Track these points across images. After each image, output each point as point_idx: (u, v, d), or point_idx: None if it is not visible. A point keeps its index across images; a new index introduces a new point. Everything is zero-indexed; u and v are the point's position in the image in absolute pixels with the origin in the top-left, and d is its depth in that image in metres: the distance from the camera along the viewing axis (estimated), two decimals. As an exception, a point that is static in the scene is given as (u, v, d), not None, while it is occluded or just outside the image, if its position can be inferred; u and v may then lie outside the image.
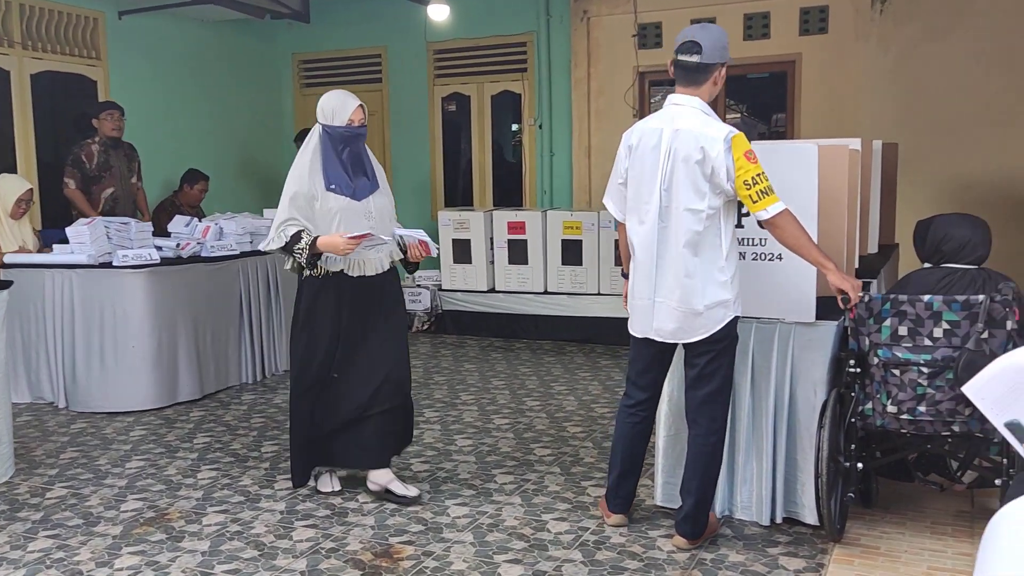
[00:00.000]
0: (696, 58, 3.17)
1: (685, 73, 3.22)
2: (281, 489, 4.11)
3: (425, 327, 7.88)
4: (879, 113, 7.09)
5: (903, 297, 3.19)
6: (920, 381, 3.17)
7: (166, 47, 8.01)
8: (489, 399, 5.65)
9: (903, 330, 3.19)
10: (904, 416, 3.22)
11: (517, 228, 7.50)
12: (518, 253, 7.50)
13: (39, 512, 3.88)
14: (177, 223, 6.19)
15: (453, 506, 3.87)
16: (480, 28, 8.47)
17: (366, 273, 3.80)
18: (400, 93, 8.97)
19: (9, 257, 5.61)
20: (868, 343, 3.27)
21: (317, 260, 3.68)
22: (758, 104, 8.76)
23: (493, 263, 7.63)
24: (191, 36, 8.27)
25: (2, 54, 6.74)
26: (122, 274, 5.43)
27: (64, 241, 5.64)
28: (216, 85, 8.54)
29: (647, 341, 3.34)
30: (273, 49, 9.28)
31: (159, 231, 6.20)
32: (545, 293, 7.45)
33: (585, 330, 7.25)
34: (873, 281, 4.00)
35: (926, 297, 3.17)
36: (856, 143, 3.92)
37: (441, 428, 5.04)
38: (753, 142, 3.16)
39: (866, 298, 3.24)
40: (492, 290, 7.66)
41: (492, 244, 7.60)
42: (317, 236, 3.64)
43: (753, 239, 3.48)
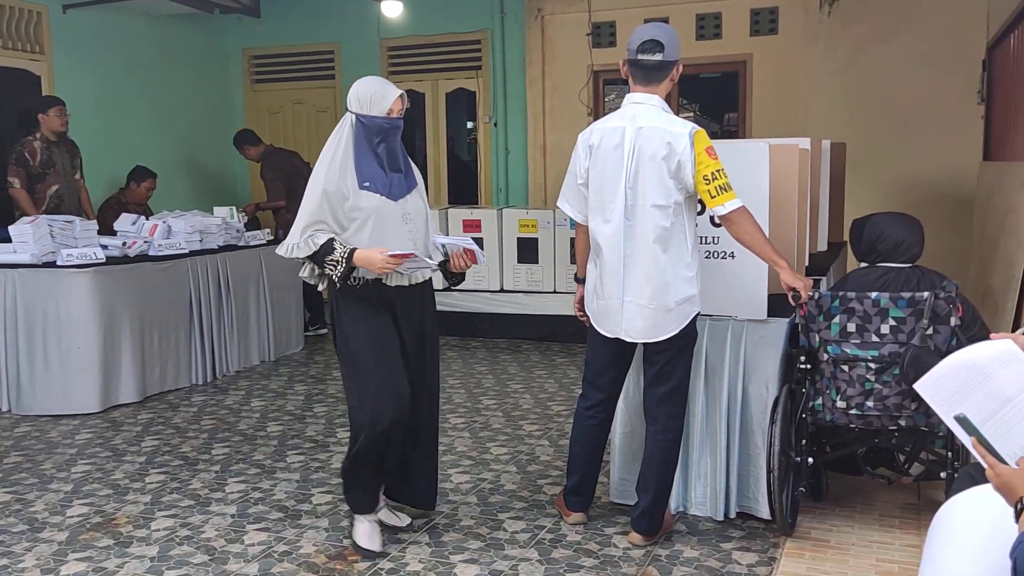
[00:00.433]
0: (659, 56, 3.19)
1: (645, 72, 3.23)
2: (232, 492, 4.04)
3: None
4: (828, 113, 7.21)
5: (852, 294, 3.25)
6: (868, 377, 3.23)
7: (112, 42, 7.83)
8: (445, 398, 5.62)
9: (852, 327, 3.25)
10: (853, 411, 3.27)
11: (472, 226, 7.47)
12: (473, 251, 7.46)
13: (-20, 519, 3.77)
14: (123, 221, 6.06)
15: (409, 507, 3.83)
16: (434, 25, 8.43)
17: (404, 283, 3.32)
18: (353, 90, 8.87)
19: (-52, 257, 5.44)
20: (818, 340, 3.32)
21: (351, 274, 3.20)
22: (710, 103, 8.86)
23: (448, 261, 7.58)
24: (138, 31, 8.09)
25: (-61, 47, 6.54)
26: (67, 274, 5.30)
27: (6, 240, 5.48)
28: (164, 81, 8.37)
29: (608, 341, 3.34)
30: (222, 44, 9.13)
31: (105, 230, 6.06)
32: (501, 291, 7.44)
33: (541, 328, 7.26)
34: (823, 278, 4.06)
35: (874, 294, 3.22)
36: (806, 142, 3.98)
37: (396, 428, 5.00)
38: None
39: (816, 295, 3.29)
40: (447, 288, 7.60)
41: (447, 242, 7.55)
42: (354, 248, 3.14)
43: (706, 237, 3.51)
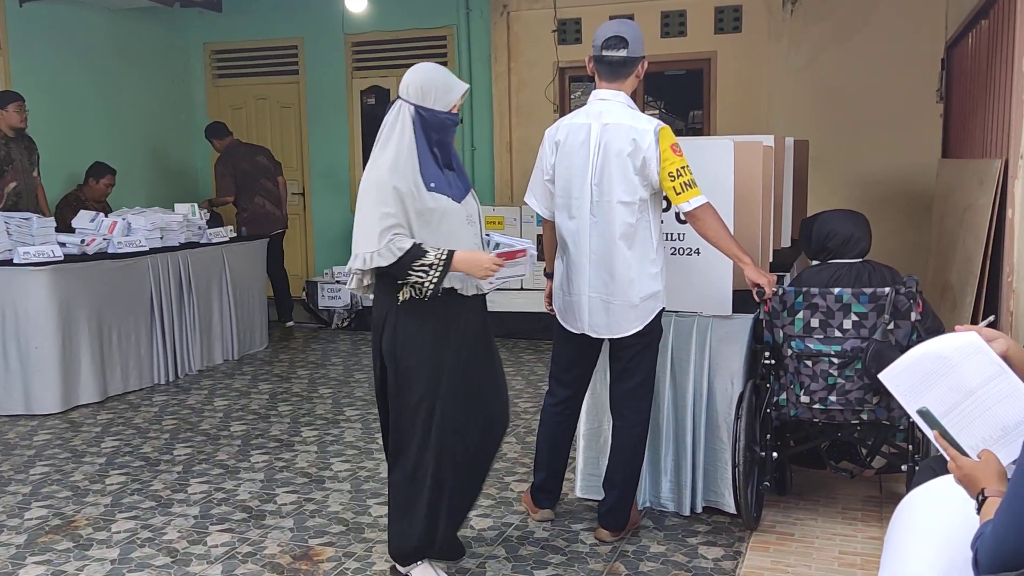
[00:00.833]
0: (623, 52, 3.20)
1: (610, 68, 3.23)
2: (195, 493, 3.99)
3: (345, 324, 7.76)
4: (791, 110, 7.28)
5: (815, 290, 3.28)
6: (831, 372, 3.27)
7: (70, 36, 7.67)
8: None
9: (815, 322, 3.28)
10: (816, 406, 3.31)
11: (438, 223, 7.44)
12: (439, 248, 7.43)
13: (-67, 524, 3.68)
14: (82, 218, 5.95)
15: (375, 505, 3.81)
16: (399, 21, 8.38)
17: (482, 290, 3.05)
18: (318, 86, 8.80)
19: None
20: (782, 335, 3.35)
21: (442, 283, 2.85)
22: (676, 101, 8.90)
23: (414, 258, 7.55)
24: (97, 25, 7.94)
25: None
26: (24, 272, 5.19)
27: (-40, 238, 5.36)
28: (123, 76, 8.22)
29: (574, 337, 3.35)
30: (183, 39, 8.99)
31: (63, 227, 5.95)
32: (467, 288, 7.41)
33: (508, 325, 7.25)
34: (786, 275, 4.09)
35: (836, 290, 3.26)
36: (769, 140, 4.01)
37: (362, 427, 4.97)
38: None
39: (780, 291, 3.31)
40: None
41: (413, 239, 7.52)
42: (451, 251, 2.84)
43: (672, 234, 3.52)
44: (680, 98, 8.72)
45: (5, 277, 5.20)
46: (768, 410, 3.42)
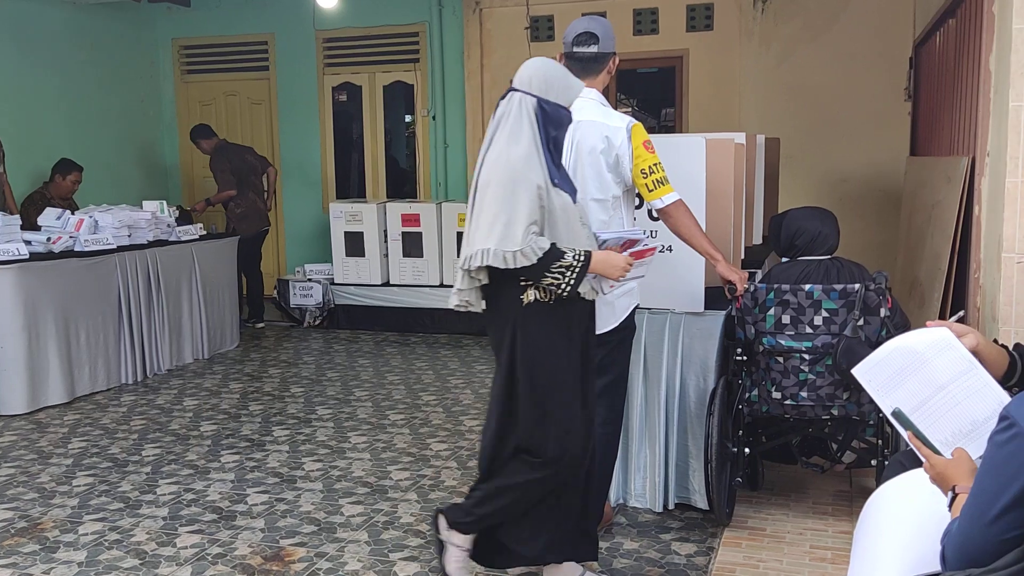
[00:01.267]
0: (594, 48, 3.20)
1: (582, 65, 3.23)
2: (164, 494, 3.94)
3: (317, 322, 7.71)
4: (762, 108, 7.33)
5: (786, 287, 3.30)
6: (802, 367, 3.29)
7: (36, 31, 7.54)
8: (384, 395, 5.57)
9: (786, 319, 3.30)
10: (788, 402, 3.33)
11: (411, 220, 7.42)
12: (413, 246, 7.42)
13: None
14: (48, 216, 5.85)
15: (347, 505, 3.79)
16: (371, 17, 8.33)
17: (603, 293, 2.91)
18: (289, 82, 8.73)
19: None
20: (754, 332, 3.37)
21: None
22: (648, 98, 8.92)
23: (387, 256, 7.53)
24: (63, 19, 7.81)
25: None
26: (-13, 271, 5.10)
27: (-79, 236, 5.25)
28: (90, 72, 8.10)
29: None
30: (151, 34, 8.88)
31: (28, 225, 5.86)
32: (441, 286, 7.40)
33: (482, 322, 7.21)
34: (758, 271, 4.11)
35: (807, 286, 3.28)
36: (741, 137, 4.03)
37: (334, 425, 4.94)
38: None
39: (752, 288, 3.33)
40: (386, 283, 7.56)
41: (386, 237, 7.50)
42: (588, 252, 2.70)
43: (644, 231, 3.51)
44: (653, 96, 8.75)
45: (-32, 276, 5.11)
46: (740, 406, 3.44)
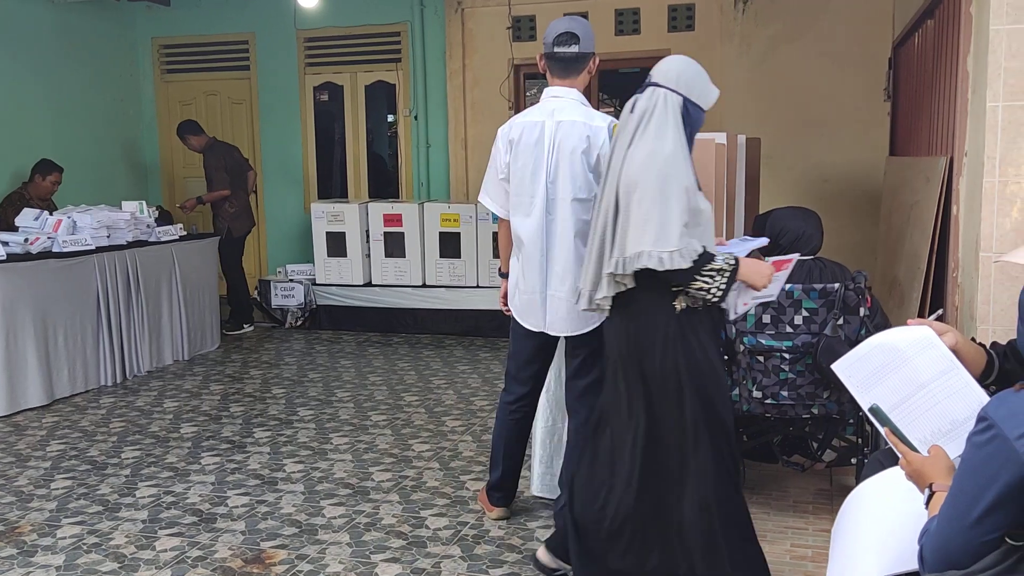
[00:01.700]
0: (575, 48, 3.20)
1: (563, 65, 3.23)
2: (143, 496, 3.91)
3: (298, 323, 7.68)
4: (743, 109, 7.36)
5: (766, 286, 3.31)
6: (783, 367, 3.31)
7: (13, 29, 7.46)
8: (366, 395, 5.55)
9: (767, 318, 3.32)
10: (768, 401, 3.34)
11: (393, 220, 7.40)
12: (395, 246, 7.40)
13: None
14: (25, 216, 5.79)
15: (329, 506, 3.77)
16: (352, 16, 8.30)
17: (736, 311, 2.81)
18: (270, 82, 8.68)
19: None
20: (734, 331, 3.38)
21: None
22: (630, 98, 8.94)
23: (369, 256, 7.51)
24: (41, 18, 7.73)
25: None
26: (-37, 272, 5.04)
27: None
28: (69, 71, 8.02)
29: (531, 335, 3.34)
30: (131, 33, 8.80)
31: (6, 226, 5.80)
32: (423, 286, 7.39)
33: (464, 323, 7.24)
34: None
35: (787, 286, 3.29)
36: (722, 137, 4.04)
37: (316, 427, 4.92)
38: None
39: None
40: (368, 284, 7.54)
41: (368, 237, 7.47)
42: (737, 257, 2.61)
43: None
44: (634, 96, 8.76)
45: (-56, 277, 5.05)
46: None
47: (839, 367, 1.94)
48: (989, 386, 1.99)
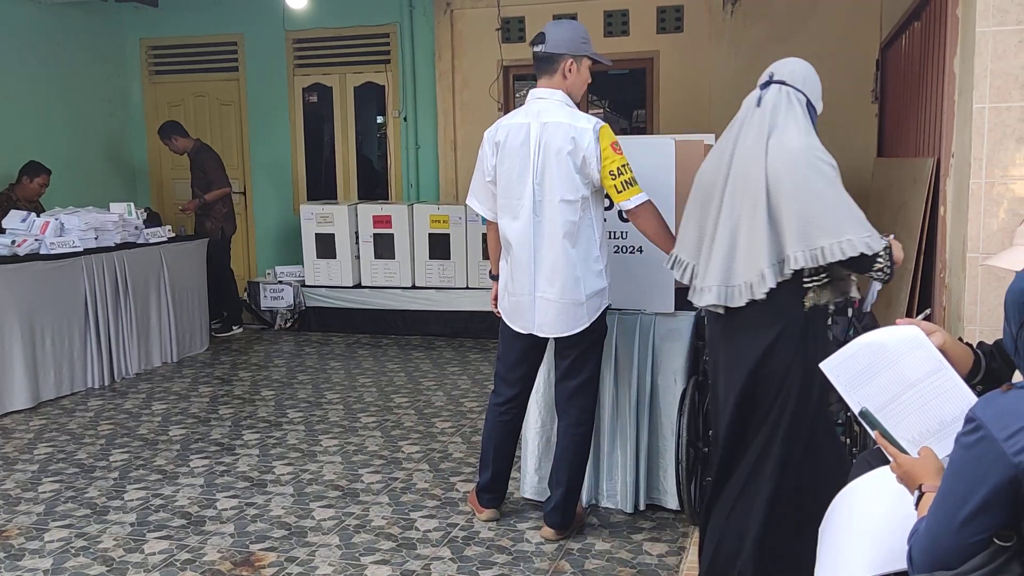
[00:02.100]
0: (540, 48, 3.25)
1: (538, 64, 3.29)
2: (132, 500, 3.89)
3: (288, 325, 7.65)
4: (732, 110, 7.29)
5: (755, 287, 3.32)
6: (772, 367, 3.31)
7: (1, 30, 7.41)
8: (355, 397, 5.54)
9: (756, 319, 3.32)
10: (758, 401, 3.34)
11: (383, 222, 7.39)
12: (384, 247, 7.39)
13: None
14: (12, 218, 5.76)
15: (318, 508, 3.76)
16: (341, 18, 8.28)
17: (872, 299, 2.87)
18: (258, 83, 8.65)
19: None
20: (724, 332, 3.38)
21: None
22: (620, 100, 8.97)
23: (359, 258, 7.49)
24: (27, 18, 7.69)
25: None
26: (-51, 274, 5.01)
27: None
28: (57, 72, 7.98)
29: (520, 336, 3.34)
30: (119, 34, 8.76)
31: (-8, 228, 5.75)
32: (413, 288, 7.38)
33: (454, 324, 7.23)
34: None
35: (776, 286, 3.30)
36: (711, 138, 4.05)
37: (305, 429, 4.90)
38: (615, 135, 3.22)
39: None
40: (358, 285, 7.52)
41: (357, 238, 7.46)
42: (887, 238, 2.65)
43: (615, 232, 3.53)
44: (624, 97, 8.79)
45: (-71, 279, 5.02)
46: (710, 407, 3.45)
47: (827, 367, 1.94)
48: (976, 386, 2.00)
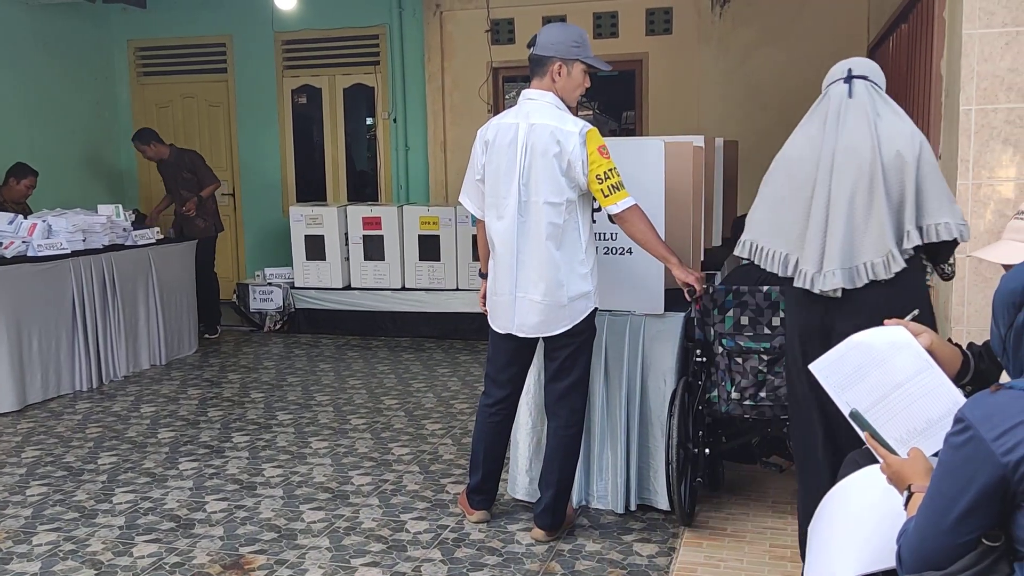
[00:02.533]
0: (530, 50, 3.27)
1: (531, 65, 3.30)
2: (120, 503, 3.87)
3: (277, 327, 7.63)
4: (720, 111, 7.41)
5: (744, 288, 3.34)
6: (761, 368, 3.33)
7: (-15, 30, 7.38)
8: (345, 399, 5.53)
9: (745, 320, 3.34)
10: (747, 402, 3.36)
11: (372, 223, 7.38)
12: (374, 249, 7.38)
13: None
14: (-1, 220, 5.73)
15: (308, 511, 3.75)
16: (330, 19, 8.27)
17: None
18: (247, 84, 8.64)
19: None
20: (713, 333, 3.40)
21: None
22: (609, 102, 8.97)
23: (348, 259, 7.48)
24: (15, 19, 7.64)
25: None
26: (-65, 276, 4.98)
27: None
28: (44, 73, 7.94)
29: (508, 337, 3.34)
30: (107, 35, 8.73)
31: (-22, 229, 5.71)
32: (403, 289, 7.37)
33: (444, 326, 7.22)
34: (717, 273, 4.16)
35: (765, 288, 3.32)
36: (700, 140, 4.06)
37: (295, 431, 4.89)
38: (604, 138, 3.22)
39: (711, 290, 3.36)
40: (348, 287, 7.51)
41: (347, 240, 7.45)
42: None
43: (604, 233, 3.54)
44: (614, 99, 8.79)
45: (-85, 282, 4.98)
46: (700, 407, 3.47)
47: (816, 368, 1.95)
48: (965, 386, 2.01)
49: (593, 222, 3.40)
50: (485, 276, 3.48)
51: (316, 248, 7.46)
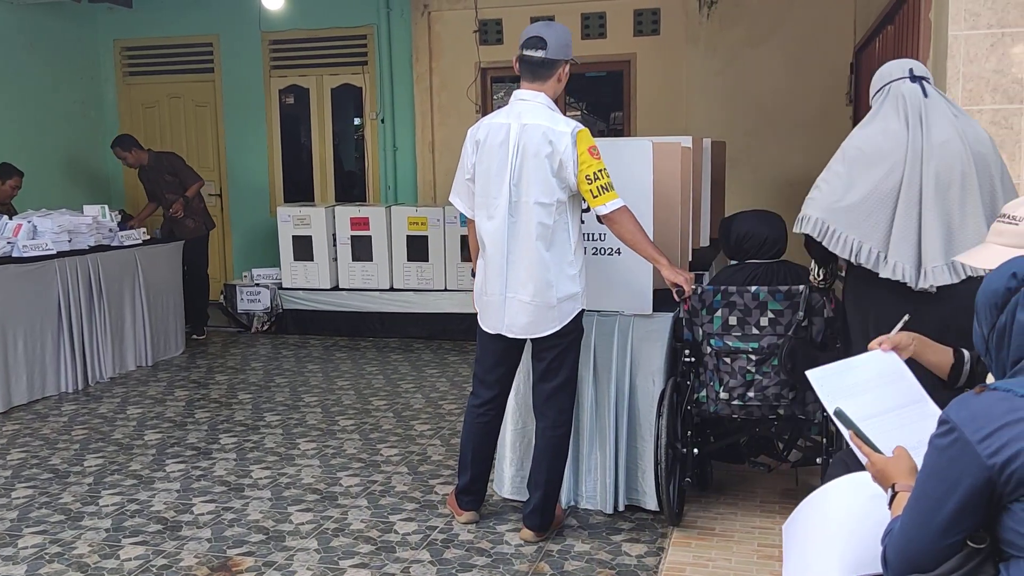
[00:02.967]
0: (541, 53, 3.21)
1: (530, 68, 3.24)
2: (107, 505, 3.84)
3: (265, 327, 7.60)
4: (708, 112, 7.43)
5: (732, 288, 3.35)
6: (749, 368, 3.34)
7: (-32, 29, 7.33)
8: (334, 400, 5.51)
9: (733, 320, 3.35)
10: (735, 402, 3.37)
11: (360, 224, 7.36)
12: (362, 249, 7.36)
13: None
14: (-16, 221, 5.69)
15: (296, 512, 3.74)
16: (318, 19, 8.25)
17: None
18: (234, 84, 8.60)
19: None
20: (701, 333, 3.41)
21: None
22: (597, 102, 8.98)
23: (336, 260, 7.46)
24: (1, 19, 7.60)
25: None
26: (-82, 278, 4.93)
27: None
28: (29, 72, 7.88)
29: (496, 337, 3.34)
30: (92, 35, 8.67)
31: (-37, 230, 5.66)
32: (391, 290, 7.36)
33: (432, 326, 7.22)
34: (705, 273, 4.17)
35: (753, 288, 3.33)
36: (687, 140, 4.07)
37: (283, 432, 4.87)
38: (593, 139, 3.22)
39: (699, 290, 3.37)
40: (335, 288, 7.49)
41: (335, 240, 7.43)
42: None
43: (593, 234, 3.54)
44: (601, 99, 8.80)
45: (-102, 283, 4.94)
46: (689, 407, 3.48)
47: (813, 375, 1.96)
48: (960, 390, 2.02)
49: (582, 223, 3.40)
50: (476, 275, 3.48)
51: (304, 249, 7.43)
